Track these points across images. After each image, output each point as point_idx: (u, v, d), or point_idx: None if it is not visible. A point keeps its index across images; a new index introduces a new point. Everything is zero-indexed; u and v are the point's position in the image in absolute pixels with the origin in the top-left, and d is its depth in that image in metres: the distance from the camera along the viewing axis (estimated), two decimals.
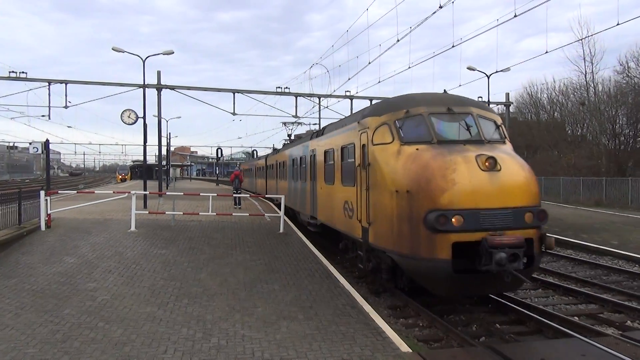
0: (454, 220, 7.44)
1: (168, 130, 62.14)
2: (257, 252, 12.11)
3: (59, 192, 21.29)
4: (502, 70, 28.09)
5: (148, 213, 17.45)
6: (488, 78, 28.07)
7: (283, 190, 21.14)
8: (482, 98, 27.63)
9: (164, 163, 30.87)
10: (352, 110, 29.47)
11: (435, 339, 7.75)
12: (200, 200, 23.06)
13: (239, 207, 22.68)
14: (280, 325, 6.91)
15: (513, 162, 8.11)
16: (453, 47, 18.73)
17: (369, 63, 23.29)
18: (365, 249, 9.90)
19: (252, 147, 72.85)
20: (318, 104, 31.09)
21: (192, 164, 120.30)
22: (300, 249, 12.64)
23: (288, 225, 16.51)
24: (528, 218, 7.80)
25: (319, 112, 31.79)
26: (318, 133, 15.19)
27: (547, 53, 31.87)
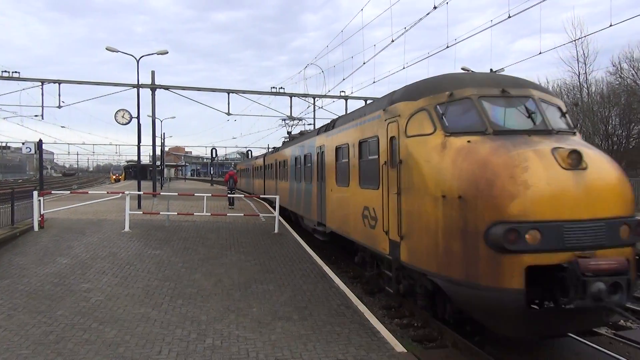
0: (529, 237, 5.64)
1: (162, 131, 61.94)
2: (251, 252, 12.10)
3: (53, 192, 21.19)
4: (496, 71, 28.21)
5: (142, 213, 17.41)
6: None
7: (284, 192, 20.01)
8: None
9: (158, 163, 30.78)
10: (347, 111, 29.52)
11: (430, 339, 7.75)
12: (195, 201, 22.97)
13: (233, 207, 22.67)
14: (275, 326, 6.90)
15: (600, 158, 6.34)
16: (447, 47, 18.86)
17: (364, 63, 23.43)
18: (395, 267, 8.20)
19: (246, 147, 72.71)
20: (313, 104, 31.18)
21: (186, 164, 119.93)
22: (295, 250, 12.63)
23: (283, 226, 16.51)
24: (624, 233, 5.97)
25: (314, 112, 31.89)
26: (327, 127, 13.24)
27: (540, 54, 32.08)
